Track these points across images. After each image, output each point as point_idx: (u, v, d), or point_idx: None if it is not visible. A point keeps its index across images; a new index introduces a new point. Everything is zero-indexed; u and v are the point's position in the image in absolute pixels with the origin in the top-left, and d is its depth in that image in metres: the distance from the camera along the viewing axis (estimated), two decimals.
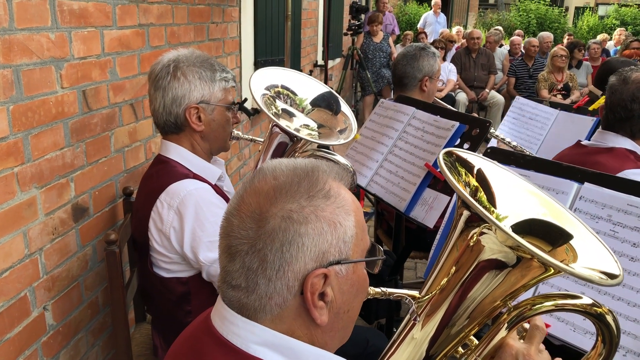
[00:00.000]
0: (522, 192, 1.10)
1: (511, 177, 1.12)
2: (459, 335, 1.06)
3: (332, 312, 0.90)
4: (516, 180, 1.12)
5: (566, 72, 7.10)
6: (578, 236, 1.02)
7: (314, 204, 0.86)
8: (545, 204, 1.08)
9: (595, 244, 1.01)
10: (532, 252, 0.84)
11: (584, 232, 1.03)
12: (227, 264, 0.89)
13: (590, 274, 0.88)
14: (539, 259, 0.85)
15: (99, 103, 2.06)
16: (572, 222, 1.05)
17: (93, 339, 2.13)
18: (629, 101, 2.01)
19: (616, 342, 1.00)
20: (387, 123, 2.50)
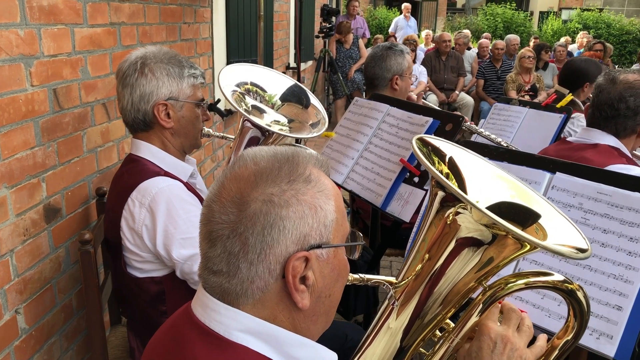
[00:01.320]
0: (491, 176, 1.13)
1: (481, 163, 1.14)
2: (432, 323, 1.08)
3: (314, 296, 0.90)
4: (485, 166, 1.14)
5: (533, 73, 7.27)
6: (545, 215, 1.05)
7: (294, 188, 0.86)
8: (513, 186, 1.11)
9: (562, 222, 1.04)
10: (507, 228, 0.86)
11: (550, 212, 1.06)
12: (208, 250, 0.88)
13: (561, 249, 0.91)
14: (514, 234, 0.87)
15: (70, 102, 2.03)
16: (539, 202, 1.08)
17: (67, 343, 2.08)
18: (616, 100, 2.09)
19: (587, 317, 1.03)
20: (361, 120, 2.52)
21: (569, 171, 1.57)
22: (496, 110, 3.60)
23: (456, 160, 1.07)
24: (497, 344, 1.02)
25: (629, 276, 1.40)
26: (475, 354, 1.04)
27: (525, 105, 3.48)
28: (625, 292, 1.38)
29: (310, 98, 2.15)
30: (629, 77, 2.11)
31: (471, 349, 1.05)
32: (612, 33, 17.50)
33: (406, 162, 2.16)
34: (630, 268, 1.40)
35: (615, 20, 18.25)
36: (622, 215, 1.45)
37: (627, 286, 1.39)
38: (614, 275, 1.41)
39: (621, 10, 20.48)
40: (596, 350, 1.37)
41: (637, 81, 2.08)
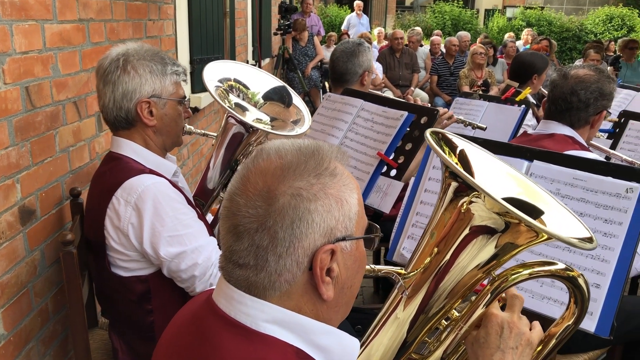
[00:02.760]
0: (500, 173, 1.18)
1: (490, 158, 1.19)
2: (438, 315, 1.12)
3: (338, 287, 0.92)
4: (495, 163, 1.19)
5: (485, 69, 7.51)
6: (549, 210, 1.11)
7: (321, 182, 0.88)
8: (521, 183, 1.17)
9: (566, 216, 1.10)
10: (519, 216, 0.91)
11: (556, 208, 1.11)
12: (233, 243, 0.89)
13: (571, 239, 0.96)
14: (526, 222, 0.92)
15: (42, 100, 1.97)
16: (543, 197, 1.13)
17: (44, 348, 2.02)
18: (569, 94, 2.21)
19: (587, 303, 1.10)
20: (335, 116, 2.55)
21: (545, 159, 1.66)
22: (457, 104, 3.72)
23: (467, 154, 1.11)
24: (504, 329, 1.08)
25: (606, 256, 1.49)
26: (484, 339, 1.09)
27: (485, 99, 3.62)
28: (602, 271, 1.48)
29: (293, 97, 2.16)
30: (579, 73, 2.24)
31: (479, 336, 1.10)
32: (554, 30, 18.26)
33: (383, 156, 2.21)
34: (607, 248, 1.50)
35: (556, 18, 19.05)
36: (597, 198, 1.55)
37: (604, 265, 1.48)
38: (592, 255, 1.50)
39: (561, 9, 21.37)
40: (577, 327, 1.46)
41: (587, 75, 2.22)
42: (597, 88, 2.17)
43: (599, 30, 18.46)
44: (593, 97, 2.16)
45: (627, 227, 1.49)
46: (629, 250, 1.47)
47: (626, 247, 1.48)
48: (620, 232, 1.50)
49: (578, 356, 2.14)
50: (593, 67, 2.24)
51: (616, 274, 1.47)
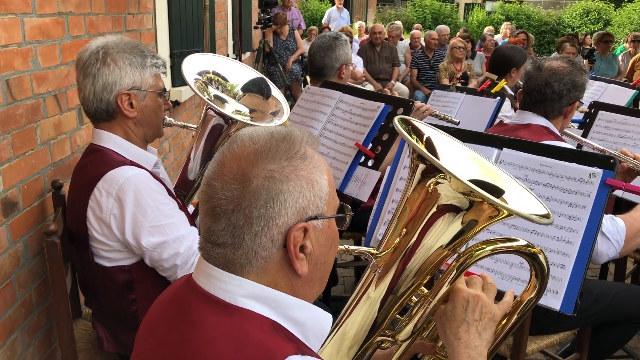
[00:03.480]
0: (462, 156, 1.24)
1: (454, 143, 1.26)
2: (407, 292, 1.18)
3: (312, 263, 0.98)
4: (458, 146, 1.26)
5: (464, 62, 7.61)
6: (509, 189, 1.18)
7: (292, 164, 0.93)
8: (481, 165, 1.23)
9: (525, 194, 1.17)
10: (483, 195, 0.98)
11: (515, 188, 1.19)
12: (212, 224, 0.94)
13: (530, 214, 1.03)
14: (489, 201, 0.99)
15: (22, 93, 1.99)
16: (503, 177, 1.21)
17: (29, 338, 2.05)
18: (543, 86, 2.28)
19: (547, 277, 1.17)
20: (315, 108, 2.60)
21: (514, 147, 1.73)
22: (435, 96, 3.80)
23: (433, 140, 1.17)
24: (469, 302, 1.15)
25: (570, 238, 1.57)
26: (451, 313, 1.16)
27: (462, 91, 3.70)
28: (567, 252, 1.56)
29: (272, 89, 2.20)
30: (553, 64, 2.31)
31: (447, 309, 1.17)
32: (532, 24, 18.52)
33: (361, 146, 2.27)
34: (571, 230, 1.58)
35: (534, 11, 19.32)
36: (562, 184, 1.62)
37: (569, 247, 1.56)
38: (557, 237, 1.58)
39: (539, 2, 21.66)
40: (544, 305, 1.54)
41: (560, 67, 2.29)
42: (570, 80, 2.24)
43: (576, 24, 18.77)
44: (566, 88, 2.24)
45: (589, 211, 1.57)
46: (591, 232, 1.55)
47: (589, 229, 1.56)
48: (583, 215, 1.58)
49: (549, 337, 2.22)
50: (566, 59, 2.31)
51: (580, 254, 1.55)
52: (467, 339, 1.12)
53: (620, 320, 2.33)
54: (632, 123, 2.80)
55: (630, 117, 2.83)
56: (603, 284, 2.45)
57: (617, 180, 1.58)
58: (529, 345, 2.11)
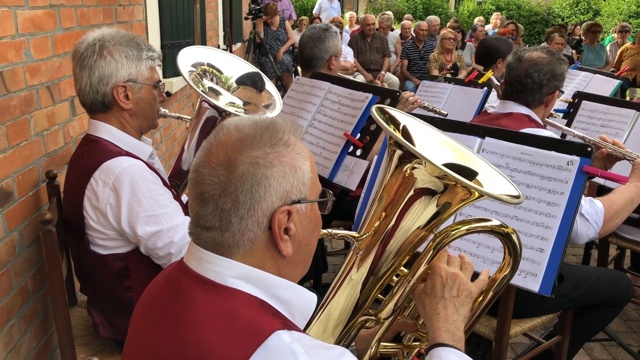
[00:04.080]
0: (437, 142, 1.30)
1: (429, 130, 1.31)
2: (387, 273, 1.24)
3: (295, 244, 1.03)
4: (433, 133, 1.31)
5: (454, 52, 7.66)
6: (482, 172, 1.24)
7: (276, 151, 0.99)
8: (454, 149, 1.29)
9: (497, 176, 1.23)
10: (456, 178, 1.04)
11: (487, 169, 1.25)
12: (200, 209, 0.99)
13: (501, 195, 1.09)
14: (461, 183, 1.05)
15: (16, 85, 2.02)
16: (476, 161, 1.27)
17: (25, 325, 2.10)
18: (523, 77, 2.34)
19: (520, 255, 1.24)
20: (304, 98, 2.65)
21: (496, 136, 1.79)
22: (424, 87, 3.85)
23: (408, 127, 1.23)
24: (447, 280, 1.21)
25: (549, 223, 1.63)
26: (430, 290, 1.23)
27: (450, 81, 3.76)
28: (546, 237, 1.62)
29: (266, 83, 2.25)
30: (533, 55, 2.38)
31: (426, 287, 1.24)
32: (522, 14, 18.58)
33: (350, 136, 2.32)
34: (550, 216, 1.64)
35: (524, 1, 19.36)
36: (542, 171, 1.69)
37: (547, 231, 1.63)
38: (537, 222, 1.65)
39: None
40: (523, 287, 1.61)
41: (540, 58, 2.36)
42: (550, 70, 2.30)
43: (566, 14, 18.85)
44: (546, 78, 2.30)
45: (567, 196, 1.64)
46: (568, 217, 1.62)
47: (567, 214, 1.63)
48: (561, 201, 1.64)
49: (532, 320, 2.29)
50: (546, 50, 2.38)
51: (557, 239, 1.61)
52: (445, 314, 1.19)
53: (601, 304, 2.41)
54: (614, 112, 2.87)
55: (612, 106, 2.90)
56: (585, 269, 2.53)
57: (594, 168, 1.65)
58: (513, 328, 2.18)
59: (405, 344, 1.40)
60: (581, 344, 2.62)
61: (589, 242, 3.30)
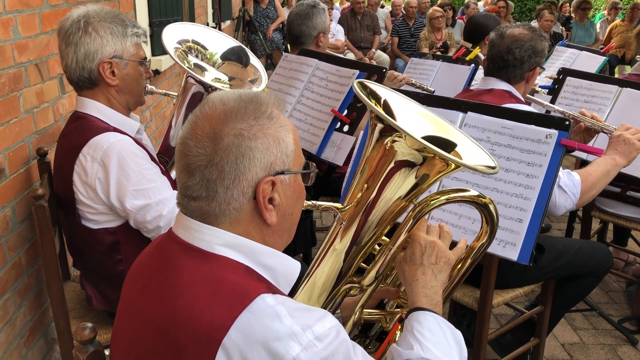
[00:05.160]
0: (416, 115, 1.34)
1: (409, 104, 1.35)
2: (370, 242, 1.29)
3: (280, 214, 1.08)
4: (413, 106, 1.35)
5: (444, 30, 7.65)
6: (460, 144, 1.29)
7: (260, 123, 1.02)
8: (434, 122, 1.33)
9: (474, 148, 1.28)
10: (435, 150, 1.08)
11: (465, 141, 1.29)
12: (187, 180, 1.03)
13: (477, 166, 1.14)
14: (439, 155, 1.09)
15: (4, 62, 2.03)
16: (455, 133, 1.31)
17: (20, 299, 2.14)
18: (505, 53, 2.37)
19: (496, 225, 1.29)
20: (292, 75, 2.67)
21: (478, 110, 1.83)
22: (412, 64, 3.88)
23: (389, 102, 1.27)
24: (426, 248, 1.27)
25: (527, 194, 1.69)
26: (410, 258, 1.28)
27: (438, 59, 3.79)
28: (524, 207, 1.68)
29: (250, 58, 2.27)
30: (514, 32, 2.41)
31: (406, 255, 1.29)
32: None
33: (337, 112, 2.36)
34: (528, 187, 1.70)
35: None
36: (521, 144, 1.74)
37: (526, 202, 1.68)
38: (516, 194, 1.70)
39: None
40: (503, 256, 1.67)
41: (522, 34, 2.39)
42: (531, 46, 2.34)
43: None
44: (527, 54, 2.34)
45: (545, 169, 1.69)
46: (546, 189, 1.68)
47: (545, 186, 1.68)
48: (540, 173, 1.70)
49: (514, 290, 2.37)
50: (527, 27, 2.41)
51: (536, 209, 1.67)
52: (424, 280, 1.25)
53: (582, 274, 2.48)
54: (598, 89, 2.92)
55: (595, 82, 2.95)
56: (566, 241, 2.60)
57: (571, 141, 1.70)
58: (495, 298, 2.25)
59: (387, 310, 1.46)
60: (562, 314, 2.70)
61: (572, 216, 3.40)
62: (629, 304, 3.33)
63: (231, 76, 2.27)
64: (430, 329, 1.18)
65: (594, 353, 2.91)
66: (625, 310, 3.28)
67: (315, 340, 0.92)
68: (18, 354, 2.10)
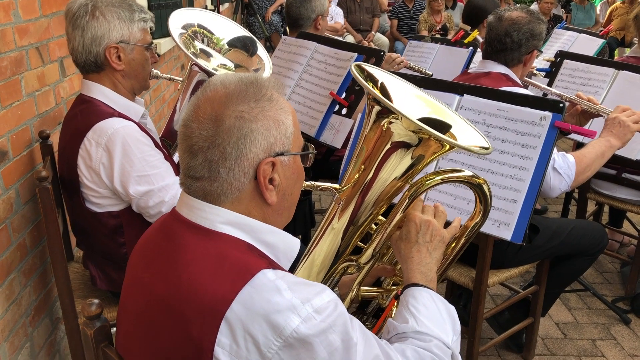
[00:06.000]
0: (413, 97, 1.37)
1: (406, 86, 1.38)
2: (367, 221, 1.33)
3: (280, 193, 1.11)
4: (409, 89, 1.38)
5: (444, 13, 7.62)
6: (455, 125, 1.32)
7: (260, 106, 1.05)
8: (430, 104, 1.36)
9: (469, 130, 1.31)
10: (430, 132, 1.11)
11: (460, 122, 1.33)
12: (190, 160, 1.06)
13: (471, 147, 1.17)
14: (434, 136, 1.12)
15: (6, 46, 2.05)
16: (450, 116, 1.34)
17: (25, 279, 2.19)
18: (503, 36, 2.39)
19: (490, 205, 1.33)
20: (291, 58, 2.69)
21: (474, 93, 1.86)
22: (411, 47, 3.89)
23: (386, 84, 1.30)
24: (421, 227, 1.31)
25: (521, 175, 1.73)
26: (405, 236, 1.32)
27: (437, 41, 3.79)
28: (518, 188, 1.72)
29: (259, 48, 2.28)
30: (512, 15, 2.42)
31: (402, 234, 1.33)
32: None
33: (335, 95, 2.38)
34: (523, 169, 1.73)
35: None
36: (516, 126, 1.77)
37: (520, 183, 1.72)
38: (510, 175, 1.74)
39: None
40: (497, 236, 1.71)
41: (520, 17, 2.41)
42: (529, 29, 2.36)
43: None
44: (525, 37, 2.36)
45: (539, 150, 1.73)
46: (540, 170, 1.71)
47: (538, 167, 1.72)
48: (534, 155, 1.73)
49: (509, 270, 2.41)
50: (525, 9, 2.42)
51: (530, 190, 1.71)
52: (419, 258, 1.29)
53: (577, 253, 2.52)
54: (594, 71, 2.94)
55: (592, 65, 2.97)
56: (561, 221, 2.64)
57: (565, 123, 1.73)
58: (490, 278, 2.30)
59: (384, 287, 1.51)
60: (558, 294, 2.75)
61: (567, 198, 3.44)
62: (622, 284, 3.39)
63: (237, 64, 2.28)
64: (424, 304, 1.22)
65: (588, 332, 2.98)
66: (619, 291, 3.34)
67: (314, 312, 0.96)
68: (24, 332, 2.15)
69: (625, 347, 2.85)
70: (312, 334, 0.95)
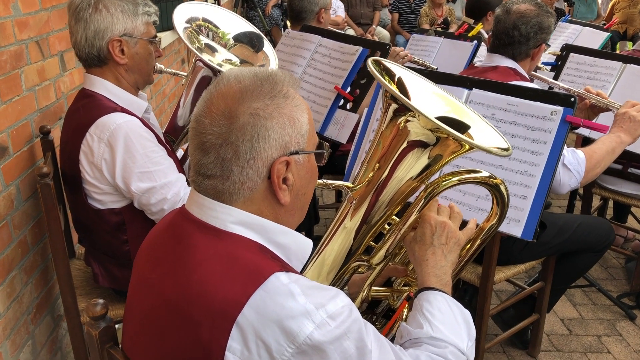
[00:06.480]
0: (431, 94, 1.33)
1: (423, 83, 1.34)
2: (380, 221, 1.30)
3: (293, 193, 1.07)
4: (427, 85, 1.34)
5: (445, 6, 7.57)
6: (474, 125, 1.28)
7: (276, 103, 1.01)
8: (448, 102, 1.33)
9: (487, 129, 1.28)
10: (448, 131, 1.08)
11: (479, 123, 1.29)
12: (202, 158, 1.02)
13: (490, 147, 1.14)
14: (453, 136, 1.09)
15: (5, 40, 2.01)
16: (469, 114, 1.31)
17: (26, 277, 2.16)
18: (511, 29, 2.35)
19: (507, 206, 1.30)
20: (295, 52, 2.65)
21: (483, 87, 1.83)
22: (414, 41, 3.85)
23: (403, 80, 1.26)
24: (437, 228, 1.27)
25: (532, 171, 1.70)
26: (420, 238, 1.29)
27: (440, 35, 3.76)
28: (529, 185, 1.69)
29: (265, 45, 2.23)
30: (520, 8, 2.39)
31: (416, 235, 1.30)
32: None
33: (340, 89, 2.35)
34: (533, 164, 1.70)
35: None
36: (526, 121, 1.74)
37: (530, 179, 1.69)
38: (521, 171, 1.71)
39: None
40: (507, 233, 1.68)
41: (528, 10, 2.37)
42: (537, 22, 2.32)
43: None
44: (533, 31, 2.32)
45: (550, 146, 1.70)
46: (551, 166, 1.68)
47: (549, 163, 1.69)
48: (544, 150, 1.70)
49: (516, 267, 2.39)
50: (533, 2, 2.39)
51: (540, 186, 1.68)
52: (434, 260, 1.26)
53: (583, 249, 2.50)
54: (601, 65, 2.90)
55: (599, 59, 2.93)
56: (567, 216, 2.61)
57: (576, 117, 1.70)
58: (497, 274, 2.28)
59: (395, 288, 1.48)
60: (563, 290, 2.73)
61: (572, 193, 3.42)
62: (627, 279, 3.37)
63: (242, 59, 2.24)
64: (439, 309, 1.19)
65: (593, 328, 2.96)
66: (624, 286, 3.32)
67: (328, 318, 0.93)
68: (25, 330, 2.12)
69: (631, 343, 2.83)
70: (326, 341, 0.92)
